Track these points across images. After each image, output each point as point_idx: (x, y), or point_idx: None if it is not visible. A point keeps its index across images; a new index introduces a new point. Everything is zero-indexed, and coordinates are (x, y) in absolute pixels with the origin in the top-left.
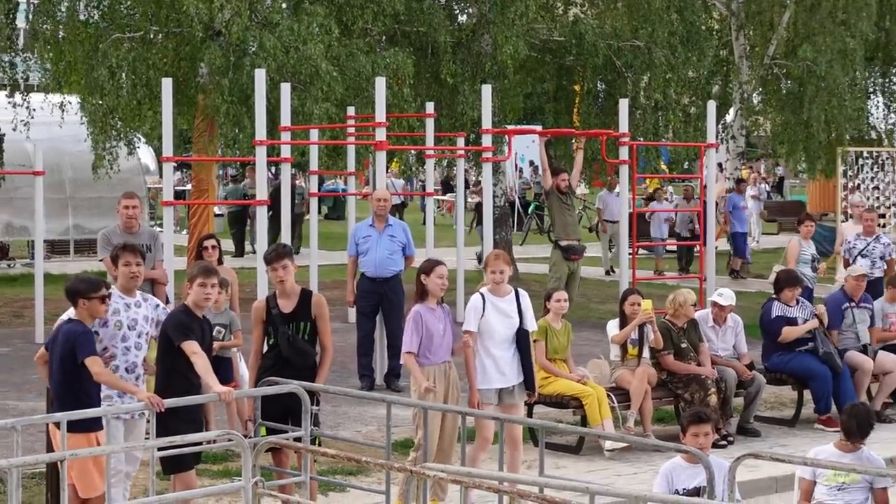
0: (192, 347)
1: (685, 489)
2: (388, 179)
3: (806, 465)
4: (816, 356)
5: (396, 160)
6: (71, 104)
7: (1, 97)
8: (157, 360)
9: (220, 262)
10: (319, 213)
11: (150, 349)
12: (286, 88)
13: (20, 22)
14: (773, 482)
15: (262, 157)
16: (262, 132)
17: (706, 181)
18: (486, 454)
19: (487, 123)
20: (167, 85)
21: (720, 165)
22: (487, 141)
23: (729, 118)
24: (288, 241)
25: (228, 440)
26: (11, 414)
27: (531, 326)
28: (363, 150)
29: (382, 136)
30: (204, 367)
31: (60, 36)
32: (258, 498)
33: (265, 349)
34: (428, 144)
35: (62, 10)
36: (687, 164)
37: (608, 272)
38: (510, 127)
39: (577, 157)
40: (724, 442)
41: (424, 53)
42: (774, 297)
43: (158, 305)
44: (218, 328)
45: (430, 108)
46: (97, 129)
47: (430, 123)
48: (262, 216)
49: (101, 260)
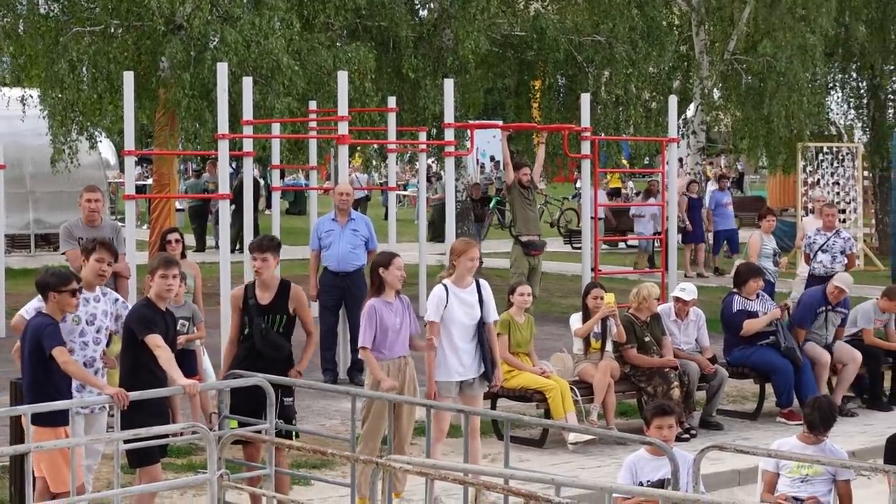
0: (155, 341)
1: (649, 481)
2: (352, 175)
3: (770, 456)
4: (778, 350)
5: (359, 155)
6: (32, 98)
7: None
8: (120, 354)
9: (183, 255)
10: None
11: (113, 343)
12: (248, 83)
13: None
14: (736, 475)
15: (224, 151)
16: (224, 126)
17: (667, 176)
18: (442, 446)
19: (450, 118)
20: (128, 79)
21: (680, 161)
22: (450, 135)
23: (689, 113)
24: (250, 235)
25: (193, 433)
26: None
27: (492, 317)
28: (325, 144)
29: (345, 130)
30: (167, 360)
31: (21, 29)
32: (223, 491)
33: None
34: (390, 139)
35: (22, 3)
36: (647, 159)
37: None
38: (472, 122)
39: (538, 151)
40: (686, 435)
41: (386, 48)
42: (735, 291)
43: (118, 300)
44: (181, 322)
45: (391, 102)
46: (57, 122)
47: (391, 118)
48: (224, 210)
49: (63, 253)
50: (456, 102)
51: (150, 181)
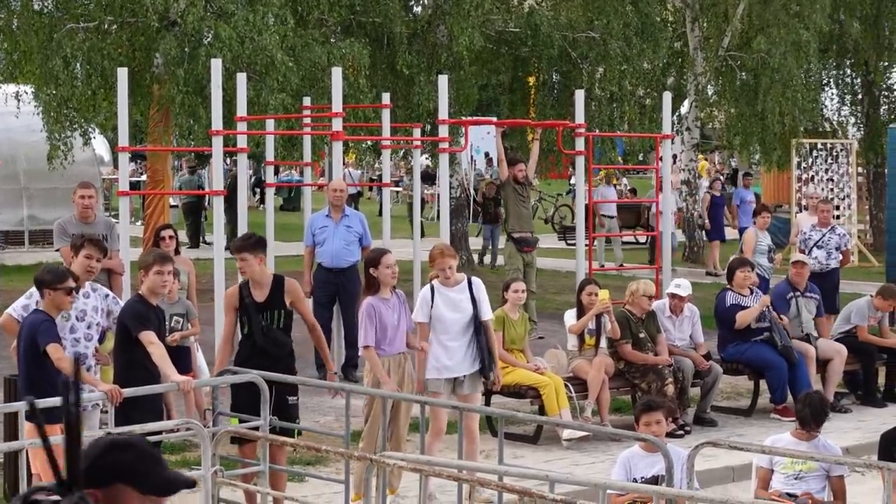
0: (149, 338)
1: (643, 477)
2: (345, 170)
3: (764, 452)
4: (772, 346)
5: (353, 151)
6: (26, 94)
7: None
8: (114, 350)
9: (177, 251)
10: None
11: (107, 340)
12: (242, 79)
13: None
14: (730, 471)
15: (218, 147)
16: (218, 123)
17: (662, 173)
18: (440, 444)
19: (444, 114)
20: (122, 75)
21: (674, 157)
22: (444, 132)
23: (684, 110)
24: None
25: (188, 430)
26: None
27: (486, 315)
28: (319, 140)
29: (339, 126)
30: (161, 356)
31: (15, 26)
32: (217, 487)
33: (239, 338)
34: (384, 135)
35: None
36: (642, 155)
37: (601, 266)
38: (466, 118)
39: (533, 148)
40: (681, 432)
41: (380, 44)
42: (728, 286)
43: (108, 295)
44: (176, 318)
45: (385, 98)
46: (51, 119)
47: (386, 114)
48: (219, 207)
49: (57, 250)
50: (450, 99)
51: (144, 177)
